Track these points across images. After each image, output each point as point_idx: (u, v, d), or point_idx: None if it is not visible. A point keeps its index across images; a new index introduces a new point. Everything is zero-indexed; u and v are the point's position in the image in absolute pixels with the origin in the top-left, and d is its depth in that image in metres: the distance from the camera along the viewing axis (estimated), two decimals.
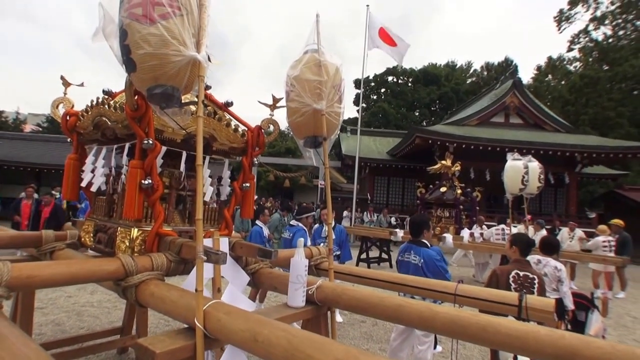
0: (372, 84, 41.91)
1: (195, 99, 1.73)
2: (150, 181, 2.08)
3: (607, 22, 34.15)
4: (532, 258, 4.70)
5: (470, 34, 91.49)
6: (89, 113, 2.48)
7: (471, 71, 46.83)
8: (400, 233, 8.91)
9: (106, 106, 2.27)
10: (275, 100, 2.80)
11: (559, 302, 4.01)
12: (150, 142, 2.03)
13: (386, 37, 13.57)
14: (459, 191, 9.60)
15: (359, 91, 19.30)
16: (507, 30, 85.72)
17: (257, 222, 5.95)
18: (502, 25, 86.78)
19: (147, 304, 1.95)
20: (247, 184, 2.70)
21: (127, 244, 2.15)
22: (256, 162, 2.81)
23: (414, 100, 40.05)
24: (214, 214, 2.67)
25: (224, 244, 2.29)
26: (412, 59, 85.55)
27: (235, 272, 2.41)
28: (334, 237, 5.67)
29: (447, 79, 41.65)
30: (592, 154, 17.28)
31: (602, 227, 9.22)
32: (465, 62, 48.86)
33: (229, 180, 2.72)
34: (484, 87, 31.04)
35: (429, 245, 3.70)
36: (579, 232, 10.09)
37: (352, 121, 29.17)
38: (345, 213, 17.60)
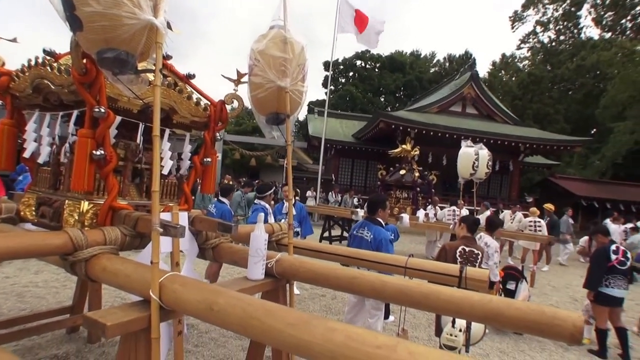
0: (341, 67, 41.46)
1: (153, 67, 1.54)
2: (102, 152, 1.86)
3: (551, 26, 35.30)
4: (477, 235, 4.91)
5: (435, 25, 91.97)
6: (26, 74, 2.15)
7: (434, 61, 47.20)
8: (361, 212, 8.93)
9: (48, 68, 1.97)
10: (240, 75, 2.63)
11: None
12: (102, 110, 1.80)
13: (361, 20, 13.26)
14: (416, 174, 9.72)
15: (328, 73, 19.00)
16: (470, 24, 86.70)
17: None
18: (465, 19, 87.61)
19: (99, 279, 1.80)
20: (209, 159, 2.54)
21: (76, 217, 1.94)
22: (219, 138, 2.65)
23: (380, 85, 40.07)
24: (174, 188, 2.49)
25: (183, 218, 2.15)
26: (380, 46, 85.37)
27: (194, 247, 2.28)
28: (294, 213, 5.57)
29: (412, 67, 41.81)
30: (533, 145, 18.03)
31: (533, 209, 9.69)
32: (429, 52, 49.21)
33: (190, 155, 2.54)
34: (446, 77, 31.46)
35: (383, 224, 3.68)
36: (520, 215, 10.55)
37: (320, 103, 28.90)
38: (309, 193, 17.51)
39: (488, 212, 10.33)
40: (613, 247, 4.61)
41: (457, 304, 1.65)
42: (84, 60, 1.69)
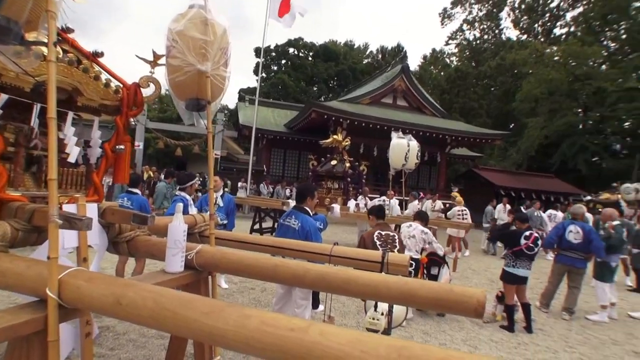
0: (274, 54, 41.00)
1: (46, 39, 1.41)
2: None
3: (476, 25, 38.05)
4: (407, 223, 5.28)
5: (369, 17, 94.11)
6: None
7: (367, 52, 48.44)
8: (292, 203, 8.96)
9: None
10: (157, 56, 2.51)
11: (416, 261, 4.56)
12: None
13: (286, 4, 13.16)
14: (347, 165, 9.98)
15: (259, 60, 18.71)
16: (403, 18, 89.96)
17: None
18: (398, 12, 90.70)
19: None
20: (122, 146, 2.40)
21: None
22: (134, 123, 2.52)
23: (313, 75, 40.26)
24: (81, 178, 2.33)
25: (91, 210, 2.02)
26: (314, 34, 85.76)
27: (104, 241, 2.16)
28: (221, 204, 5.48)
29: (346, 58, 42.47)
30: (459, 137, 19.32)
31: (459, 199, 10.44)
32: (363, 43, 50.39)
33: (100, 142, 2.38)
34: (378, 69, 32.48)
35: (310, 213, 3.76)
36: (439, 203, 11.38)
37: (252, 91, 28.45)
38: (240, 184, 17.24)
39: (416, 202, 10.95)
40: (527, 233, 5.13)
41: (375, 287, 1.75)
42: None
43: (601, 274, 6.01)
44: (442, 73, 38.92)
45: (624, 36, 25.36)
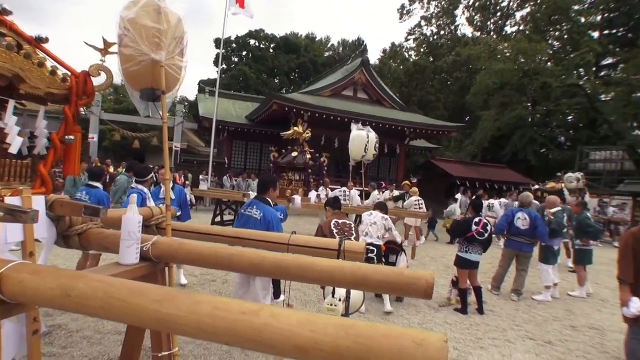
0: (234, 45, 40.25)
1: None
2: None
3: (433, 22, 38.99)
4: (367, 212, 5.42)
5: (331, 10, 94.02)
6: None
7: (329, 45, 48.52)
8: (253, 195, 8.92)
9: None
10: (108, 44, 2.42)
11: (378, 248, 4.71)
12: None
13: None
14: (308, 156, 10.01)
15: (220, 51, 18.30)
16: (364, 12, 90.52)
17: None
18: (360, 6, 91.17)
19: None
20: (72, 137, 2.31)
21: None
22: (84, 113, 2.42)
23: (275, 67, 39.91)
24: (27, 170, 2.22)
25: (37, 203, 1.93)
26: (275, 27, 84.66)
27: (52, 234, 2.07)
28: (173, 197, 5.37)
29: (307, 50, 42.36)
30: (417, 129, 19.79)
31: (414, 189, 10.73)
32: (324, 36, 50.47)
33: (46, 132, 2.27)
34: (339, 62, 32.62)
35: (272, 204, 3.77)
36: (396, 193, 11.63)
37: (212, 82, 27.75)
38: (202, 177, 16.92)
39: (376, 192, 11.16)
40: (476, 219, 5.37)
41: (330, 273, 1.78)
42: None
43: (545, 257, 6.40)
44: (401, 67, 39.62)
45: (566, 36, 26.82)
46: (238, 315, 1.10)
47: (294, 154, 9.99)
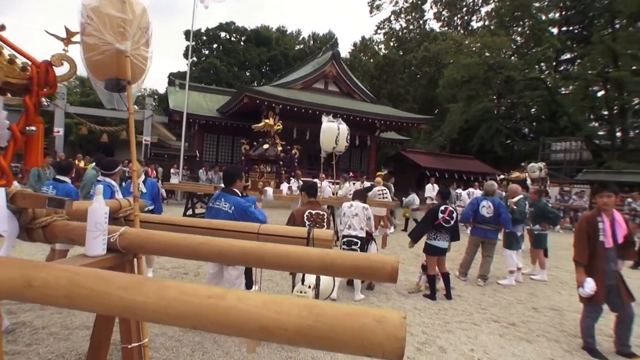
0: (204, 37, 39.47)
1: None
2: None
3: (402, 16, 39.40)
4: (347, 203, 5.44)
5: (302, 3, 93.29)
6: None
7: (300, 38, 48.28)
8: None
9: None
10: (70, 33, 2.34)
11: (362, 240, 4.74)
12: None
13: None
14: (279, 148, 9.99)
15: (189, 43, 17.92)
16: (334, 5, 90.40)
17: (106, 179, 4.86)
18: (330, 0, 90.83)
19: None
20: (33, 128, 2.23)
21: None
22: (46, 104, 2.34)
23: (246, 59, 39.42)
24: None
25: None
26: (246, 19, 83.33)
27: (14, 227, 2.01)
28: (145, 191, 5.28)
29: (278, 43, 42.04)
30: (387, 121, 20.06)
31: (378, 179, 10.92)
32: (295, 29, 50.11)
33: (7, 123, 2.18)
34: (310, 54, 32.53)
35: (240, 194, 3.75)
36: (367, 184, 11.79)
37: (182, 75, 27.13)
38: (172, 170, 16.60)
39: (347, 184, 11.28)
40: (442, 207, 5.52)
41: (298, 259, 1.80)
42: None
43: (509, 243, 6.67)
44: (371, 60, 39.94)
45: (528, 32, 27.72)
46: (204, 299, 1.12)
47: (265, 146, 9.95)
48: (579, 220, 4.43)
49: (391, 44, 41.13)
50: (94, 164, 9.55)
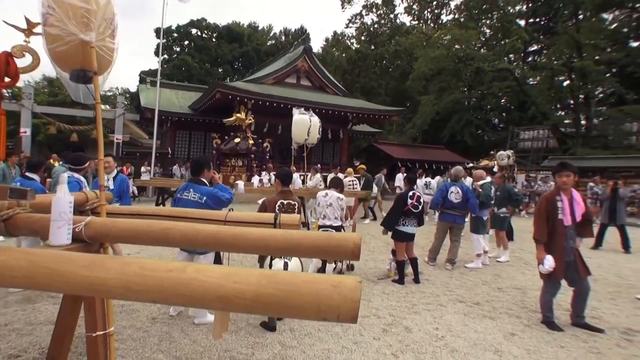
0: (175, 34, 38.64)
1: None
2: None
3: (374, 10, 39.61)
4: (323, 192, 5.48)
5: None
6: None
7: (271, 34, 47.89)
8: None
9: None
10: (32, 24, 2.32)
11: (337, 229, 4.80)
12: None
13: None
14: (251, 142, 9.97)
15: (160, 41, 17.54)
16: (306, 1, 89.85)
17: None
18: None
19: None
20: None
21: None
22: (6, 94, 2.31)
23: (218, 56, 38.85)
24: None
25: None
26: (217, 16, 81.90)
27: None
28: (112, 187, 5.21)
29: (250, 39, 41.62)
30: (359, 114, 20.25)
31: (349, 170, 11.05)
32: (266, 25, 49.64)
33: None
34: (282, 50, 32.34)
35: (207, 184, 3.77)
36: (340, 175, 11.90)
37: (153, 72, 26.57)
38: (143, 169, 16.29)
39: (318, 175, 11.38)
40: (410, 193, 5.66)
41: (264, 241, 1.85)
42: None
43: (476, 227, 6.90)
44: (343, 55, 40.00)
45: (497, 24, 28.38)
46: (164, 273, 1.17)
47: (236, 140, 9.91)
48: (539, 199, 4.62)
49: (363, 38, 41.32)
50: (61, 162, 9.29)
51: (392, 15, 40.03)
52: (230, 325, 3.87)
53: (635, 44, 23.94)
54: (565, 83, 25.17)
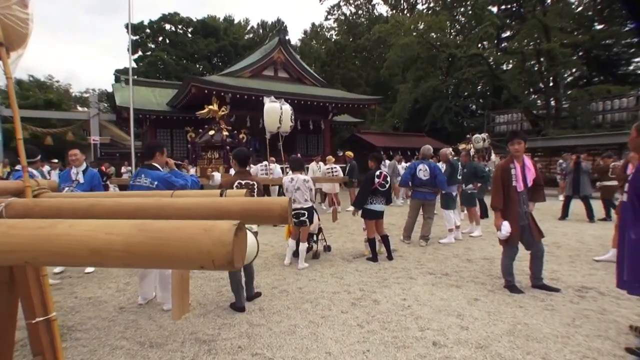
0: (148, 30, 37.73)
1: None
2: None
3: (352, 1, 39.36)
4: (288, 176, 5.41)
5: None
6: None
7: (249, 27, 47.24)
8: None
9: None
10: None
11: (308, 210, 4.85)
12: None
13: None
14: (225, 133, 9.79)
15: (131, 37, 17.14)
16: None
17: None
18: None
19: None
20: None
21: None
22: None
23: (194, 51, 38.14)
24: None
25: None
26: (191, 10, 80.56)
27: None
28: (82, 181, 5.04)
29: (226, 33, 40.87)
30: (338, 104, 20.09)
31: (329, 157, 11.01)
32: (243, 18, 48.98)
33: None
34: (260, 44, 31.95)
35: (161, 169, 3.65)
36: (321, 163, 11.85)
37: (127, 71, 25.99)
38: (124, 169, 15.99)
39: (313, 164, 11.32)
40: (377, 172, 5.61)
41: (189, 210, 1.76)
42: None
43: (446, 203, 6.90)
44: (323, 47, 39.72)
45: (470, 12, 28.42)
46: (35, 230, 1.08)
47: (211, 132, 9.73)
48: (494, 169, 4.66)
49: (342, 29, 41.07)
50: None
51: (369, 6, 39.88)
52: (199, 309, 3.80)
53: (599, 27, 24.28)
54: (536, 67, 25.38)
